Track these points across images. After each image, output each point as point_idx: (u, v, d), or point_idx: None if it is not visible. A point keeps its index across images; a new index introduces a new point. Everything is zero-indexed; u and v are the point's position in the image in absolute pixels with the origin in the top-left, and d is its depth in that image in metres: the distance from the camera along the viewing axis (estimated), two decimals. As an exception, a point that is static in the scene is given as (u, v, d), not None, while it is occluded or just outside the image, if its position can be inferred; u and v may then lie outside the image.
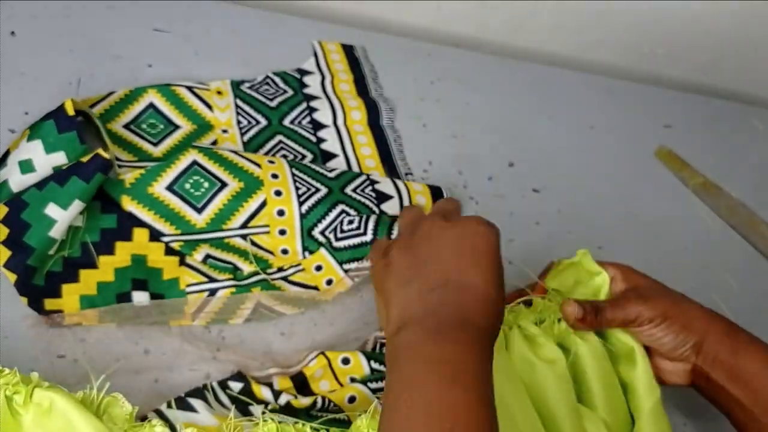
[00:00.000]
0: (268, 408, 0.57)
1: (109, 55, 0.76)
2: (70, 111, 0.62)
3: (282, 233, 0.67)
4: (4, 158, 0.63)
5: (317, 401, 0.58)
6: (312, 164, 0.72)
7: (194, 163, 0.66)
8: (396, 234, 0.66)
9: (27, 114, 0.68)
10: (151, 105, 0.73)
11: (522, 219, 0.80)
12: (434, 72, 0.92)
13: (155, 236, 0.63)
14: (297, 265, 0.66)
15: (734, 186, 0.93)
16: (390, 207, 0.71)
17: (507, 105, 0.93)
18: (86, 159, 0.59)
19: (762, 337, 0.62)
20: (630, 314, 0.61)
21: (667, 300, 0.62)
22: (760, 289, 0.85)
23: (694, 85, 1.12)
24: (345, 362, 0.61)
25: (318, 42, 0.87)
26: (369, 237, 0.66)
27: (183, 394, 0.56)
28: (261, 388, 0.58)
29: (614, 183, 0.90)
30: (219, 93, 0.77)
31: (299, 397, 0.58)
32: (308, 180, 0.69)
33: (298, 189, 0.68)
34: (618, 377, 0.63)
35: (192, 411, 0.54)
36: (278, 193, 0.67)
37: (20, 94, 0.69)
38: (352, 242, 0.66)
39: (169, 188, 0.65)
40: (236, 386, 0.58)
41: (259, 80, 0.80)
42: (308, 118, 0.79)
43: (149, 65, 0.77)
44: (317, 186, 0.69)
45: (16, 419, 0.46)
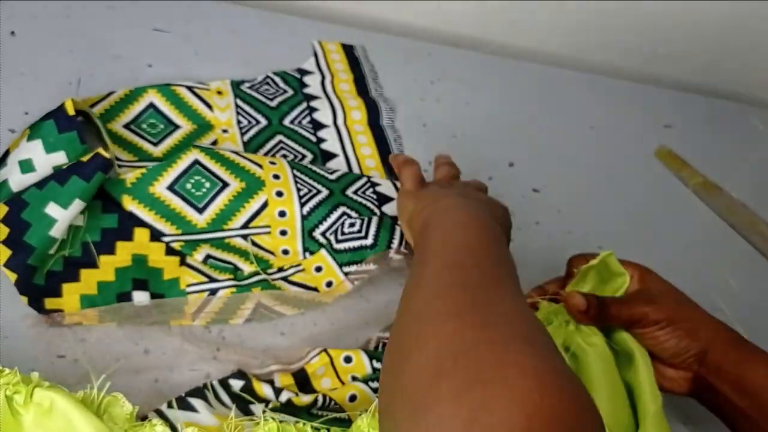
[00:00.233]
0: (269, 406, 0.57)
1: (109, 55, 0.76)
2: (71, 111, 0.62)
3: (283, 234, 0.67)
4: (4, 158, 0.63)
5: (318, 399, 0.58)
6: (313, 165, 0.72)
7: (196, 163, 0.66)
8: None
9: (27, 114, 0.68)
10: (152, 105, 0.73)
11: (522, 219, 0.80)
12: (434, 72, 0.92)
13: (156, 236, 0.63)
14: (297, 266, 0.66)
15: (734, 186, 0.93)
16: (391, 208, 0.71)
17: (507, 105, 0.93)
18: (86, 158, 0.59)
19: (762, 338, 0.62)
20: (635, 314, 0.61)
21: (675, 305, 0.62)
22: (760, 289, 0.85)
23: (694, 85, 1.12)
24: (347, 360, 0.61)
25: (318, 42, 0.87)
26: (370, 241, 0.66)
27: (183, 394, 0.55)
28: (262, 386, 0.58)
29: (614, 183, 0.90)
30: (219, 93, 0.77)
31: (300, 395, 0.58)
32: (309, 181, 0.69)
33: (300, 190, 0.67)
34: (623, 381, 0.63)
35: (192, 411, 0.54)
36: (279, 194, 0.67)
37: (20, 94, 0.69)
38: (353, 245, 0.66)
39: (170, 188, 0.65)
40: (237, 384, 0.58)
41: (259, 80, 0.80)
42: (308, 118, 0.79)
43: (149, 65, 0.77)
44: (318, 188, 0.68)
45: (17, 419, 0.46)
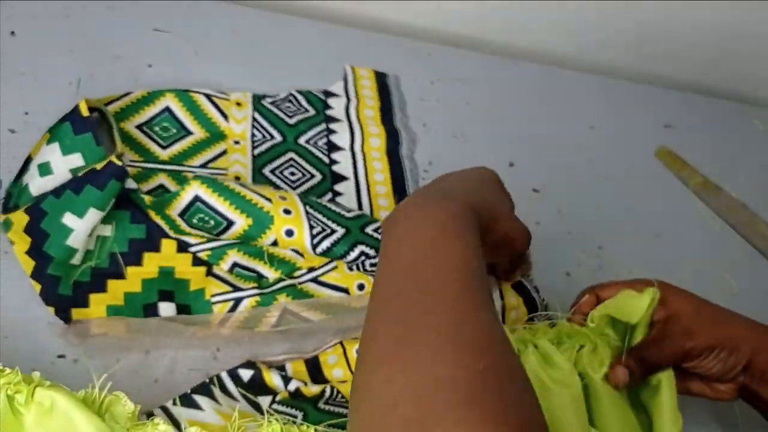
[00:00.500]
0: (277, 398, 0.57)
1: (109, 55, 0.76)
2: (84, 112, 0.62)
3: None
4: (27, 164, 0.63)
5: (326, 391, 0.58)
6: (327, 202, 0.68)
7: (196, 200, 0.64)
8: None
9: (27, 114, 0.68)
10: (167, 109, 0.73)
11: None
12: (434, 72, 0.92)
13: (183, 247, 0.62)
14: (330, 262, 0.65)
15: (734, 186, 0.93)
16: None
17: (507, 105, 0.93)
18: (100, 166, 0.59)
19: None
20: (677, 354, 0.57)
21: (712, 326, 0.58)
22: (760, 289, 0.85)
23: (694, 85, 1.12)
24: None
25: (350, 66, 0.86)
26: None
27: (189, 391, 0.56)
28: (272, 375, 0.58)
29: (614, 183, 0.90)
30: (238, 104, 0.76)
31: (309, 385, 0.58)
32: (322, 219, 0.65)
33: (312, 228, 0.64)
34: (640, 401, 0.60)
35: (197, 408, 0.54)
36: (289, 233, 0.63)
37: (20, 94, 0.69)
38: None
39: (180, 216, 0.64)
40: (246, 374, 0.58)
41: (282, 96, 0.80)
42: (325, 139, 0.78)
43: (149, 65, 0.77)
44: (333, 227, 0.65)
45: (18, 419, 0.46)
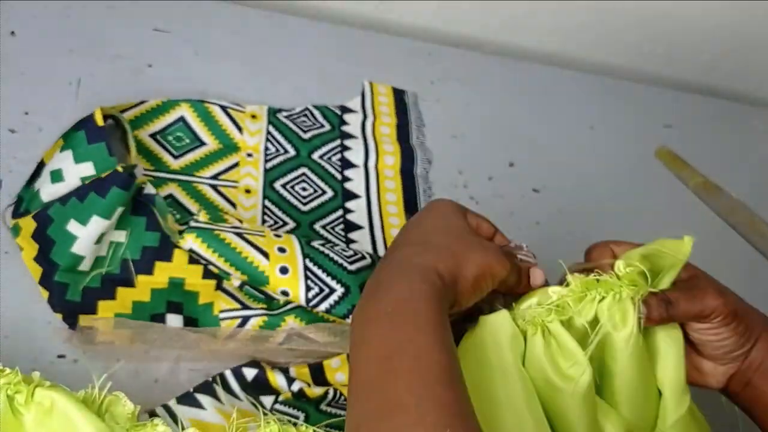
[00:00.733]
0: (279, 399, 0.57)
1: (109, 55, 0.76)
2: (100, 121, 0.62)
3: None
4: (39, 169, 0.63)
5: (329, 393, 0.59)
6: (330, 249, 0.64)
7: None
8: None
9: (27, 114, 0.68)
10: (182, 119, 0.73)
11: (522, 219, 0.80)
12: (434, 72, 0.92)
13: (195, 259, 0.62)
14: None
15: (734, 186, 0.93)
16: None
17: (507, 105, 0.93)
18: (105, 174, 0.59)
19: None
20: (706, 309, 0.53)
21: (734, 295, 0.55)
22: (760, 289, 0.84)
23: (694, 85, 1.12)
24: None
25: (368, 82, 0.86)
26: None
27: (191, 389, 0.56)
28: (275, 375, 0.58)
29: (614, 183, 0.90)
30: (253, 117, 0.76)
31: (312, 386, 0.58)
32: (322, 276, 0.62)
33: (309, 290, 0.60)
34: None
35: (199, 407, 0.54)
36: (285, 293, 0.61)
37: (20, 94, 0.69)
38: None
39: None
40: (250, 373, 0.58)
41: (298, 111, 0.80)
42: (339, 156, 0.78)
43: (149, 65, 0.77)
44: (332, 285, 0.62)
45: (18, 419, 0.46)
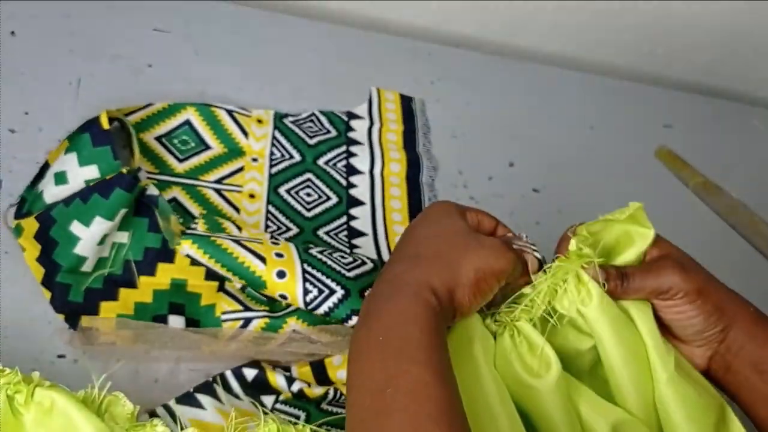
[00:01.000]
0: (280, 398, 0.57)
1: (109, 55, 0.76)
2: (105, 125, 0.62)
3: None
4: (44, 170, 0.63)
5: (329, 393, 0.59)
6: (328, 256, 0.64)
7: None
8: None
9: (27, 114, 0.68)
10: (188, 122, 0.73)
11: (522, 219, 0.80)
12: (434, 72, 0.92)
13: (197, 260, 0.62)
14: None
15: (734, 186, 0.93)
16: None
17: (507, 105, 0.93)
18: (110, 176, 0.59)
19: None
20: (663, 284, 0.52)
21: (703, 275, 0.54)
22: (760, 289, 0.85)
23: (694, 85, 1.12)
24: None
25: (376, 89, 0.86)
26: None
27: (192, 389, 0.56)
28: (275, 376, 0.58)
29: (614, 183, 0.90)
30: (259, 121, 0.76)
31: (312, 386, 0.59)
32: (321, 278, 0.61)
33: (308, 293, 0.60)
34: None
35: (199, 407, 0.54)
36: (283, 297, 0.61)
37: (20, 94, 0.69)
38: None
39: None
40: (250, 373, 0.58)
41: (304, 116, 0.79)
42: (344, 162, 0.77)
43: (149, 65, 0.77)
44: (332, 286, 0.61)
45: (18, 419, 0.46)
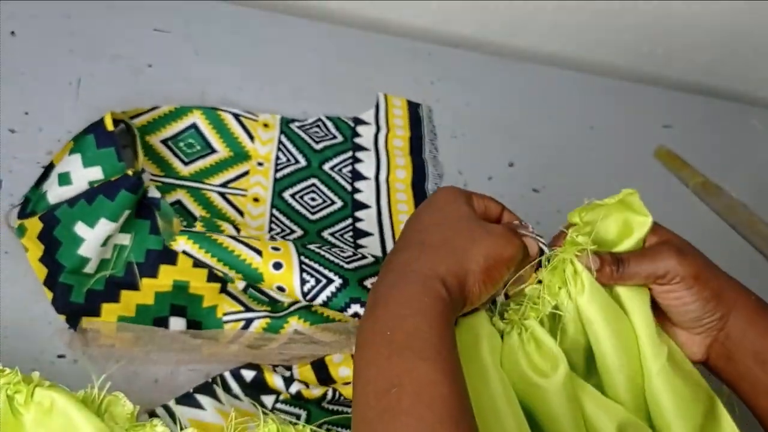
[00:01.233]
0: (280, 398, 0.57)
1: (109, 55, 0.76)
2: (109, 126, 0.62)
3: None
4: (48, 171, 0.63)
5: (328, 393, 0.59)
6: (326, 251, 0.64)
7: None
8: None
9: (27, 114, 0.68)
10: (194, 125, 0.73)
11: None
12: (434, 72, 0.92)
13: (199, 262, 0.62)
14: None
15: (734, 186, 0.93)
16: None
17: (507, 105, 0.93)
18: (115, 178, 0.59)
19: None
20: (659, 269, 0.51)
21: (701, 260, 0.53)
22: (760, 289, 0.84)
23: (694, 85, 1.12)
24: None
25: (383, 94, 0.86)
26: None
27: (191, 390, 0.56)
28: (273, 377, 0.58)
29: (614, 183, 0.90)
30: (266, 126, 0.76)
31: (311, 387, 0.58)
32: (318, 268, 0.62)
33: (305, 283, 0.61)
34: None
35: (199, 408, 0.54)
36: (281, 289, 0.62)
37: (20, 94, 0.69)
38: None
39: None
40: (249, 374, 0.58)
41: (311, 121, 0.79)
42: (350, 167, 0.77)
43: (149, 65, 0.77)
44: (330, 276, 0.62)
45: (18, 418, 0.46)
